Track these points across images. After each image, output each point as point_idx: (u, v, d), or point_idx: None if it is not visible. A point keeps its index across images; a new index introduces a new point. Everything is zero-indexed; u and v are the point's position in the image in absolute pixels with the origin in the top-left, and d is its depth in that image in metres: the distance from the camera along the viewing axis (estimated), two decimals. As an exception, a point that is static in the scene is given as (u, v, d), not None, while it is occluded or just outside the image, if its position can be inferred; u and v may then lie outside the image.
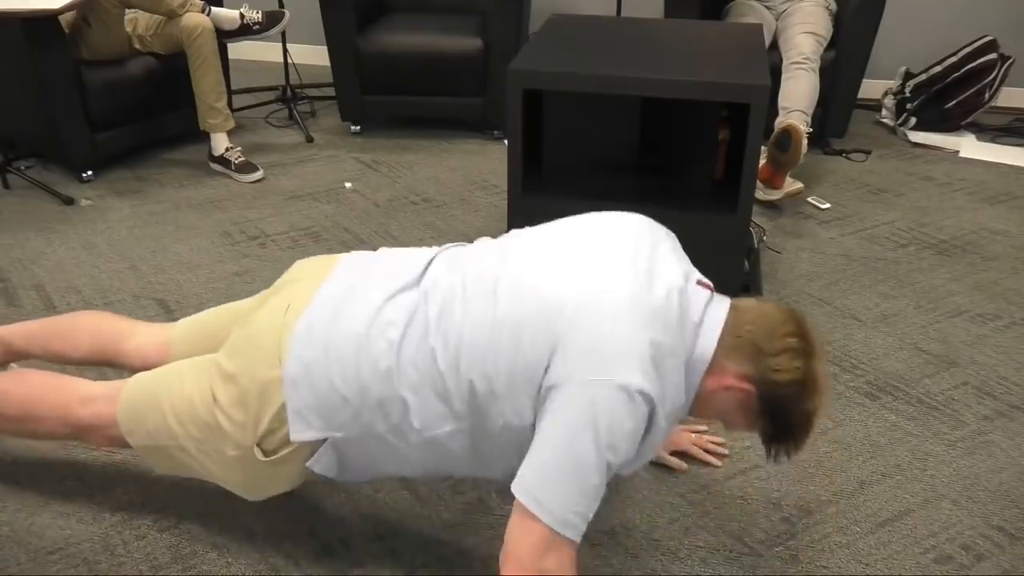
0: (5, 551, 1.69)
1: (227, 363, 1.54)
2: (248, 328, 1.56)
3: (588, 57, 2.42)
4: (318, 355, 1.46)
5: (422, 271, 1.53)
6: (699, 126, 2.54)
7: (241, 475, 1.56)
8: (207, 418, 1.54)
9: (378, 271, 1.56)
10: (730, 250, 2.40)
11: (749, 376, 1.38)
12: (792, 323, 1.40)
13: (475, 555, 1.70)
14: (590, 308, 1.33)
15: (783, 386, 1.36)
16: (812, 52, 3.28)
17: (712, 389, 1.41)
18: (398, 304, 1.47)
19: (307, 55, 4.72)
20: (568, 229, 1.52)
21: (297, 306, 1.52)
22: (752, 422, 1.43)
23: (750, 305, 1.44)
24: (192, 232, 3.00)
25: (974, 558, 1.71)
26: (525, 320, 1.36)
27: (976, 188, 3.37)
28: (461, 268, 1.50)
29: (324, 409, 1.46)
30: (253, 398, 1.49)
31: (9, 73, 3.26)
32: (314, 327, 1.48)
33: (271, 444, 1.50)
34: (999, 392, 2.19)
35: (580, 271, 1.39)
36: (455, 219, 3.10)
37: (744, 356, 1.38)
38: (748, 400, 1.39)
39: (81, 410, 1.67)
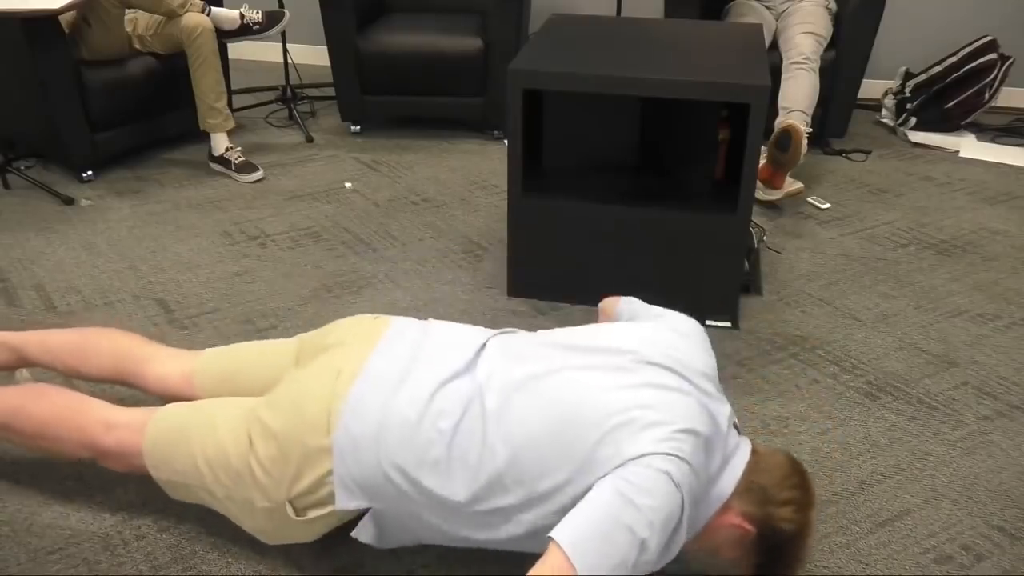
0: (5, 551, 1.69)
1: (271, 419, 1.54)
2: (296, 388, 1.57)
3: (588, 57, 2.42)
4: (368, 433, 1.47)
5: (474, 356, 1.56)
6: (699, 126, 2.54)
7: (265, 524, 1.58)
8: (240, 468, 1.55)
9: (430, 351, 1.58)
10: (730, 250, 2.40)
11: (752, 518, 1.45)
12: (797, 476, 1.49)
13: (475, 555, 1.70)
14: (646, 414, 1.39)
15: (783, 533, 1.44)
16: (812, 52, 3.28)
17: (716, 524, 1.47)
18: (451, 393, 1.49)
19: (307, 55, 4.72)
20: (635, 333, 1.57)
21: (347, 374, 1.54)
22: (743, 558, 1.49)
23: (766, 453, 1.53)
24: (192, 232, 3.00)
25: (974, 558, 1.71)
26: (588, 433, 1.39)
27: (976, 188, 3.37)
28: (519, 360, 1.53)
29: (369, 484, 1.48)
30: (295, 459, 1.50)
31: (9, 73, 3.26)
32: (366, 404, 1.50)
33: (302, 504, 1.52)
34: (999, 392, 2.19)
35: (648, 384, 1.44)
36: (455, 219, 3.10)
37: (752, 499, 1.46)
38: (746, 538, 1.46)
39: (104, 436, 1.66)
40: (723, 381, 2.22)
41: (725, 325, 2.46)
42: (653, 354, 1.50)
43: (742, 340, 2.40)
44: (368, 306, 2.55)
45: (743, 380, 2.23)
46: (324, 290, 2.64)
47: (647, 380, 1.45)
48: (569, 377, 1.47)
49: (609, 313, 1.93)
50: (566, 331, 1.63)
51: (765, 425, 2.06)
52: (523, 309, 2.55)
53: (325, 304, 2.56)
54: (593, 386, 1.45)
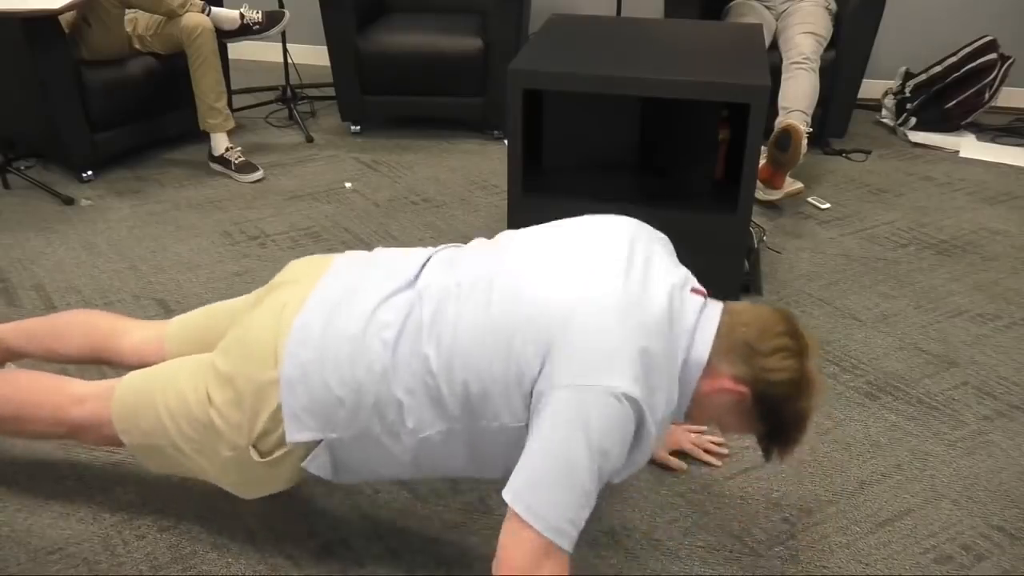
0: (5, 551, 1.69)
1: (222, 363, 1.53)
2: (243, 329, 1.56)
3: (588, 57, 2.42)
4: (314, 357, 1.45)
5: (417, 272, 1.53)
6: (699, 126, 2.54)
7: (236, 475, 1.56)
8: (202, 418, 1.54)
9: (373, 272, 1.56)
10: (730, 250, 2.40)
11: (743, 378, 1.38)
12: (784, 323, 1.41)
13: (475, 555, 1.70)
14: (582, 314, 1.33)
15: (777, 386, 1.37)
16: (812, 52, 3.28)
17: (707, 392, 1.41)
18: (393, 305, 1.47)
19: (307, 55, 4.72)
20: (563, 232, 1.52)
21: (293, 307, 1.52)
22: (747, 424, 1.43)
23: (743, 307, 1.45)
24: (192, 232, 3.00)
25: (974, 558, 1.71)
26: (518, 324, 1.36)
27: (976, 188, 3.37)
28: (456, 269, 1.50)
29: (319, 410, 1.46)
30: (249, 399, 1.48)
31: (9, 73, 3.26)
32: (310, 329, 1.48)
33: (266, 445, 1.50)
34: (999, 392, 2.19)
35: (573, 276, 1.39)
36: (455, 219, 3.10)
37: (738, 358, 1.39)
38: (743, 401, 1.40)
39: (75, 409, 1.66)
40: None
41: (725, 325, 2.46)
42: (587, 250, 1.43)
43: (742, 340, 2.40)
44: (368, 306, 2.55)
45: (743, 380, 2.23)
46: (324, 290, 2.63)
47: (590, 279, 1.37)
48: (503, 282, 1.41)
49: None
50: (506, 234, 1.57)
51: (765, 425, 2.06)
52: (523, 309, 2.54)
53: (325, 304, 2.56)
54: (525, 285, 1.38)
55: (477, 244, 1.59)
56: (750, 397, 1.39)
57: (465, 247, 1.60)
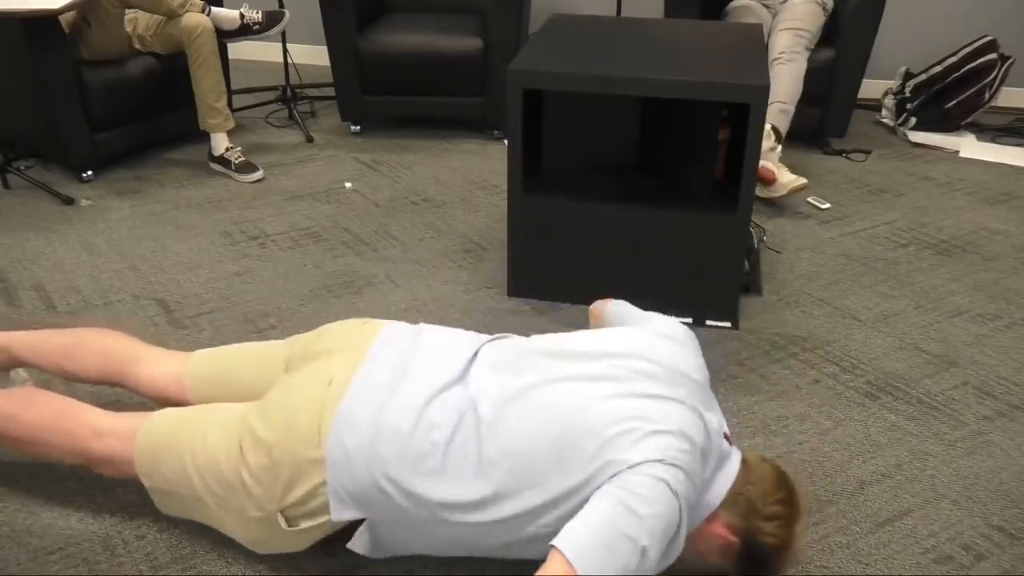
0: (5, 551, 1.69)
1: (262, 429, 1.54)
2: (285, 398, 1.56)
3: (588, 57, 2.42)
4: (360, 444, 1.47)
5: (466, 365, 1.56)
6: (699, 126, 2.54)
7: (256, 535, 1.59)
8: (231, 477, 1.55)
9: (421, 359, 1.58)
10: (730, 250, 2.40)
11: (737, 529, 1.48)
12: (785, 490, 1.50)
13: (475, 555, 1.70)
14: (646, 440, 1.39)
15: (764, 547, 1.47)
16: (788, 46, 3.32)
17: (703, 531, 1.49)
18: (444, 404, 1.49)
19: (307, 55, 4.72)
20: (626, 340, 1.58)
21: (338, 385, 1.53)
22: (728, 565, 1.51)
23: (754, 463, 1.53)
24: (192, 232, 3.00)
25: (974, 558, 1.71)
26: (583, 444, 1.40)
27: (976, 188, 3.37)
28: (512, 370, 1.53)
29: (362, 495, 1.48)
30: (286, 470, 1.50)
31: (9, 73, 3.26)
32: (357, 415, 1.49)
33: (294, 514, 1.53)
34: (999, 392, 2.19)
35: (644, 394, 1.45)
36: (455, 219, 3.10)
37: (737, 511, 1.48)
38: (730, 548, 1.49)
39: (95, 443, 1.66)
40: (723, 381, 2.22)
41: (725, 325, 2.46)
42: (645, 363, 1.51)
43: (742, 340, 2.40)
44: (368, 305, 2.55)
45: (743, 380, 2.23)
46: (324, 290, 2.64)
47: (641, 390, 1.46)
48: (563, 387, 1.48)
49: (599, 316, 1.93)
50: (558, 337, 1.63)
51: (765, 425, 2.06)
52: (523, 309, 2.55)
53: (325, 304, 2.56)
54: (588, 396, 1.45)
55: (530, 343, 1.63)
56: (738, 547, 1.47)
57: (515, 339, 1.65)
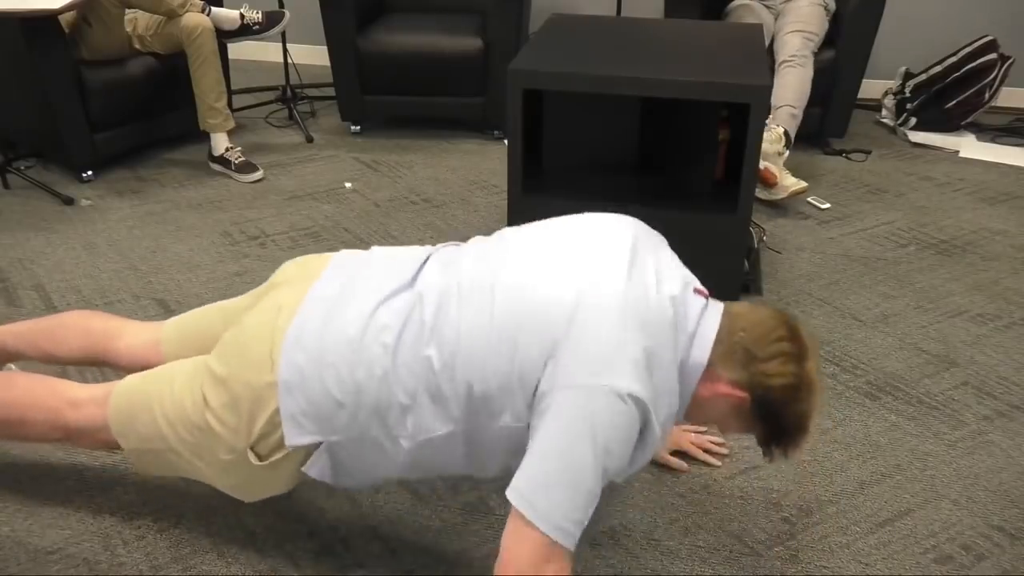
0: (5, 551, 1.69)
1: (218, 366, 1.52)
2: (239, 331, 1.55)
3: (588, 57, 2.42)
4: (311, 360, 1.45)
5: (415, 272, 1.52)
6: (699, 126, 2.54)
7: (235, 478, 1.56)
8: (198, 421, 1.53)
9: (370, 272, 1.55)
10: (730, 250, 2.40)
11: (742, 382, 1.38)
12: (784, 327, 1.40)
13: (475, 555, 1.70)
14: (586, 314, 1.33)
15: (776, 391, 1.37)
16: (799, 49, 3.32)
17: (706, 396, 1.41)
18: (392, 307, 1.46)
19: (307, 55, 4.72)
20: (564, 230, 1.51)
21: (288, 309, 1.51)
22: (747, 427, 1.43)
23: (743, 310, 1.45)
24: (192, 232, 3.00)
25: (974, 558, 1.71)
26: (522, 324, 1.35)
27: (976, 188, 3.37)
28: (456, 269, 1.49)
29: (318, 414, 1.45)
30: (245, 402, 1.48)
31: (9, 73, 3.26)
32: (306, 332, 1.47)
33: (264, 448, 1.49)
34: (999, 392, 2.19)
35: (576, 275, 1.38)
36: (455, 219, 3.10)
37: (737, 362, 1.39)
38: (742, 406, 1.40)
39: (71, 413, 1.66)
40: (723, 381, 2.22)
41: (725, 325, 2.46)
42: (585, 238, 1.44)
43: (742, 340, 2.40)
44: (368, 306, 2.55)
45: (743, 380, 2.23)
46: (324, 290, 2.63)
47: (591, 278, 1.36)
48: (506, 281, 1.41)
49: None
50: (505, 231, 1.57)
51: (765, 425, 2.06)
52: (523, 309, 2.54)
53: (325, 304, 2.56)
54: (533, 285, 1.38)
55: (476, 243, 1.58)
56: (749, 402, 1.39)
57: (464, 245, 1.59)
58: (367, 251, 1.65)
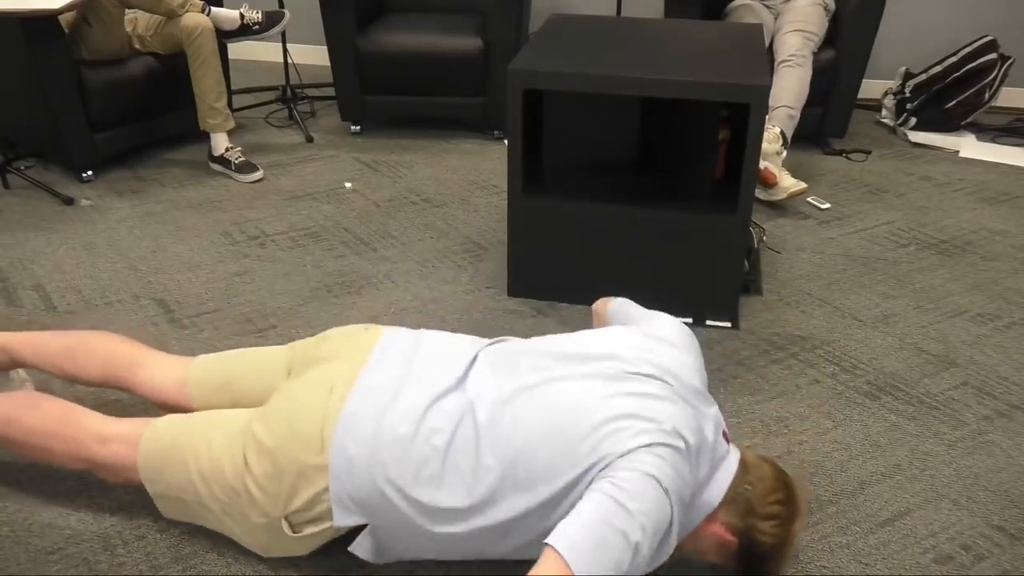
0: (5, 551, 1.69)
1: (265, 436, 1.55)
2: (289, 405, 1.57)
3: (588, 57, 2.42)
4: (362, 451, 1.49)
5: (465, 371, 1.57)
6: (699, 126, 2.54)
7: (262, 539, 1.60)
8: (236, 485, 1.56)
9: (421, 365, 1.59)
10: (730, 250, 2.40)
11: (735, 528, 1.49)
12: (783, 490, 1.51)
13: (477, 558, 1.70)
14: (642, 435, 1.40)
15: (763, 547, 1.48)
16: (798, 49, 3.32)
17: (702, 530, 1.50)
18: (443, 410, 1.51)
19: (307, 55, 4.72)
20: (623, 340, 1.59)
21: (339, 393, 1.54)
22: (726, 564, 1.53)
23: (752, 462, 1.54)
24: (192, 232, 3.00)
25: (974, 558, 1.71)
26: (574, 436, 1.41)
27: (976, 188, 3.37)
28: (509, 372, 1.54)
29: (365, 501, 1.49)
30: (289, 477, 1.51)
31: (9, 73, 3.26)
32: (359, 422, 1.50)
33: (298, 520, 1.54)
34: (999, 392, 2.19)
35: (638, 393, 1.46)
36: (455, 219, 3.10)
37: (735, 510, 1.49)
38: (728, 548, 1.50)
39: (99, 449, 1.66)
40: (723, 381, 2.22)
41: (725, 325, 2.46)
42: (642, 363, 1.52)
43: (742, 340, 2.40)
44: (368, 305, 2.55)
45: (743, 380, 2.23)
46: (324, 290, 2.64)
47: (636, 389, 1.47)
48: (559, 387, 1.49)
49: (602, 314, 1.94)
50: (556, 339, 1.64)
51: (765, 425, 2.06)
52: (523, 309, 2.55)
53: (325, 304, 2.56)
54: (583, 395, 1.46)
55: (527, 344, 1.64)
56: (736, 546, 1.48)
57: (513, 343, 1.65)
58: (415, 334, 1.69)
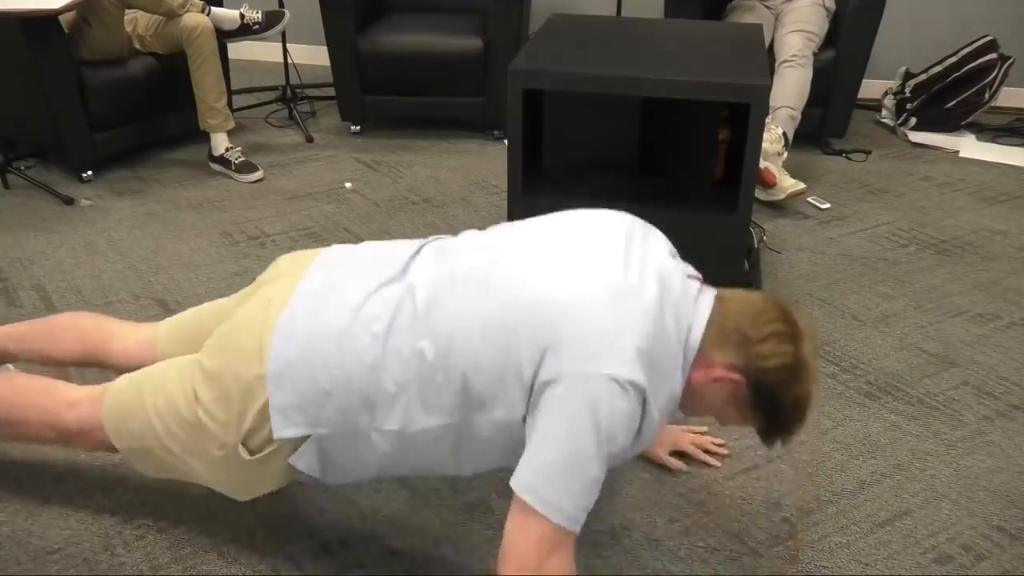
0: (5, 551, 1.69)
1: (209, 361, 1.53)
2: (230, 326, 1.55)
3: (588, 57, 2.42)
4: (300, 351, 1.45)
5: (406, 263, 1.52)
6: (699, 126, 2.54)
7: (227, 474, 1.55)
8: (190, 417, 1.53)
9: (360, 264, 1.54)
10: (730, 250, 2.40)
11: (737, 366, 1.37)
12: (776, 309, 1.40)
13: (475, 555, 1.70)
14: (583, 306, 1.33)
15: (772, 371, 1.36)
16: (800, 49, 3.32)
17: (702, 382, 1.40)
18: (383, 297, 1.46)
19: (307, 55, 4.72)
20: (558, 224, 1.51)
21: (278, 302, 1.51)
22: (745, 413, 1.42)
23: (735, 295, 1.44)
24: (192, 232, 3.00)
25: (974, 558, 1.71)
26: (518, 317, 1.35)
27: (976, 188, 3.37)
28: (450, 261, 1.48)
29: (306, 405, 1.45)
30: (236, 396, 1.48)
31: (9, 73, 3.26)
32: (295, 323, 1.47)
33: (255, 442, 1.49)
34: (999, 392, 2.19)
35: (571, 267, 1.38)
36: (455, 219, 3.10)
37: (731, 346, 1.38)
38: (738, 391, 1.39)
39: (67, 413, 1.66)
40: (723, 381, 2.22)
41: (725, 325, 2.46)
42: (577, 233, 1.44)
43: (742, 340, 2.40)
44: (368, 306, 2.55)
45: (743, 380, 2.23)
46: (324, 290, 2.64)
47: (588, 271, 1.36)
48: (502, 273, 1.40)
49: None
50: (499, 227, 1.57)
51: (765, 425, 2.06)
52: (523, 309, 2.54)
53: (325, 304, 2.56)
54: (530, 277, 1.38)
55: (470, 235, 1.58)
56: (745, 385, 1.38)
57: (456, 238, 1.58)
58: (357, 245, 1.65)
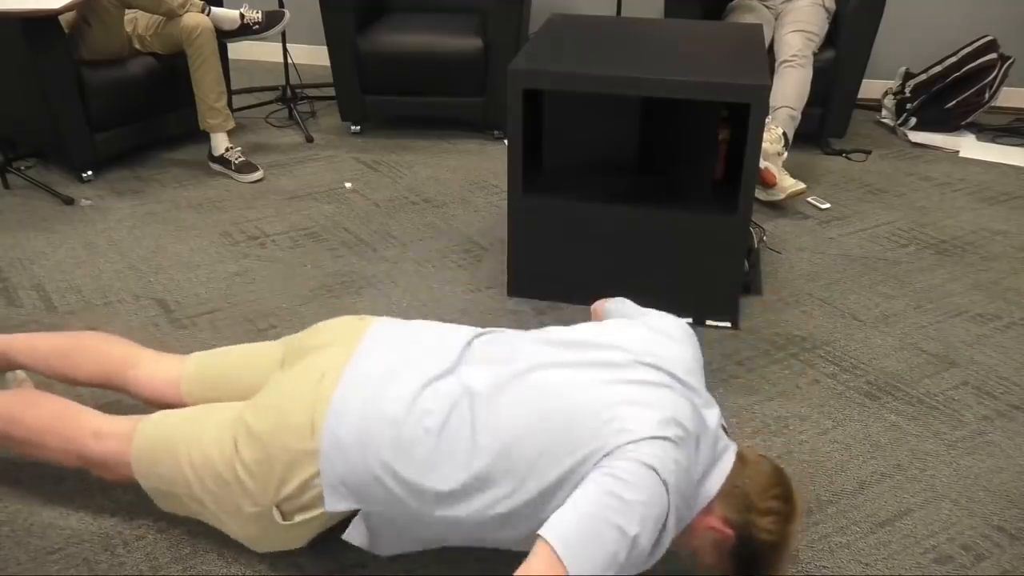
0: (5, 551, 1.69)
1: (255, 423, 1.55)
2: (279, 393, 1.57)
3: (588, 57, 2.42)
4: (353, 435, 1.48)
5: (459, 356, 1.56)
6: (699, 126, 2.54)
7: (254, 531, 1.59)
8: (226, 474, 1.56)
9: (413, 349, 1.58)
10: (730, 250, 2.40)
11: (732, 522, 1.46)
12: (782, 486, 1.49)
13: (475, 555, 1.70)
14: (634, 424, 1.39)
15: (760, 543, 1.45)
16: (800, 49, 3.32)
17: (698, 525, 1.48)
18: (436, 391, 1.50)
19: (307, 55, 4.72)
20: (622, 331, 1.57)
21: (330, 378, 1.54)
22: (724, 563, 1.50)
23: (751, 458, 1.52)
24: (192, 232, 3.00)
25: (974, 558, 1.71)
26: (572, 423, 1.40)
27: (976, 188, 3.37)
28: (506, 359, 1.53)
29: (357, 485, 1.49)
30: (280, 464, 1.51)
31: (9, 73, 3.26)
32: (349, 406, 1.50)
33: (289, 508, 1.53)
34: (999, 392, 2.19)
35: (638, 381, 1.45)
36: (455, 219, 3.10)
37: (733, 504, 1.46)
38: (725, 543, 1.47)
39: (93, 445, 1.66)
40: (723, 381, 2.22)
41: (725, 325, 2.46)
42: (642, 353, 1.51)
43: (742, 340, 2.40)
44: (368, 305, 2.55)
45: (743, 380, 2.23)
46: (324, 290, 2.64)
47: (637, 377, 1.45)
48: (556, 374, 1.48)
49: (600, 314, 1.94)
50: (554, 329, 1.63)
51: (765, 425, 2.06)
52: (523, 309, 2.55)
53: (325, 304, 2.56)
54: (582, 382, 1.45)
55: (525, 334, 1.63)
56: (734, 541, 1.46)
57: (508, 333, 1.64)
58: (407, 323, 1.68)
